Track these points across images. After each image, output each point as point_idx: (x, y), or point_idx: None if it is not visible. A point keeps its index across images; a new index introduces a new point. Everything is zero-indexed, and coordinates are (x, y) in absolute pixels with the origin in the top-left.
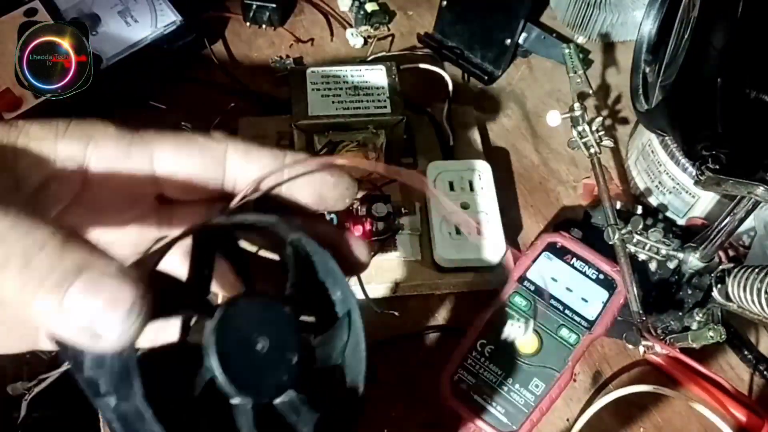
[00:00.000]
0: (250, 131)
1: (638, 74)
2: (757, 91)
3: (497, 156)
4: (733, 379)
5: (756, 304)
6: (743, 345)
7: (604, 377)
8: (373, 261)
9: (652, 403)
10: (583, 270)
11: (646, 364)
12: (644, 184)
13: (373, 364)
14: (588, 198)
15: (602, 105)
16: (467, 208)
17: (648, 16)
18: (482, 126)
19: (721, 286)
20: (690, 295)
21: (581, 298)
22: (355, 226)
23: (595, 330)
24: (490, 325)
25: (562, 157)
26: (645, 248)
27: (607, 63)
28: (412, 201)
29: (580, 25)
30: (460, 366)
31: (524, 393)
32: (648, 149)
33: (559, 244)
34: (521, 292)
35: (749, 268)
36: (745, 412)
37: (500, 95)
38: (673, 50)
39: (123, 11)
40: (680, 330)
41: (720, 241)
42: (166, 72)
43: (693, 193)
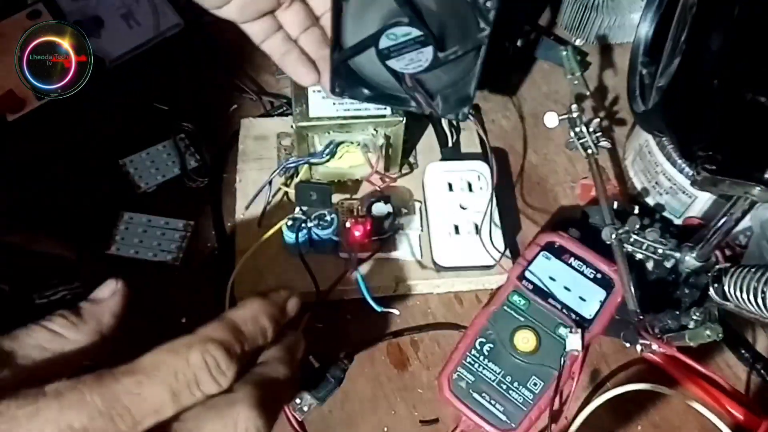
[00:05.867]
0: (251, 132)
1: (635, 76)
2: (753, 93)
3: (496, 156)
4: (730, 378)
5: (753, 304)
6: (740, 344)
7: (601, 375)
8: (373, 261)
9: (650, 402)
10: (580, 269)
11: (644, 363)
12: (641, 184)
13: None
14: (586, 198)
15: (599, 106)
16: (466, 209)
17: (645, 18)
18: (482, 126)
19: (718, 286)
20: (687, 294)
21: (579, 297)
22: (355, 226)
23: (592, 329)
24: (490, 324)
25: (560, 158)
26: (642, 248)
27: (604, 65)
28: (412, 201)
29: (578, 27)
30: (460, 365)
31: (523, 391)
32: (645, 150)
33: (558, 243)
34: (520, 291)
35: (746, 267)
36: (742, 410)
37: (499, 97)
38: (670, 52)
39: (126, 14)
40: (677, 329)
41: (717, 240)
42: (168, 74)
43: (690, 194)
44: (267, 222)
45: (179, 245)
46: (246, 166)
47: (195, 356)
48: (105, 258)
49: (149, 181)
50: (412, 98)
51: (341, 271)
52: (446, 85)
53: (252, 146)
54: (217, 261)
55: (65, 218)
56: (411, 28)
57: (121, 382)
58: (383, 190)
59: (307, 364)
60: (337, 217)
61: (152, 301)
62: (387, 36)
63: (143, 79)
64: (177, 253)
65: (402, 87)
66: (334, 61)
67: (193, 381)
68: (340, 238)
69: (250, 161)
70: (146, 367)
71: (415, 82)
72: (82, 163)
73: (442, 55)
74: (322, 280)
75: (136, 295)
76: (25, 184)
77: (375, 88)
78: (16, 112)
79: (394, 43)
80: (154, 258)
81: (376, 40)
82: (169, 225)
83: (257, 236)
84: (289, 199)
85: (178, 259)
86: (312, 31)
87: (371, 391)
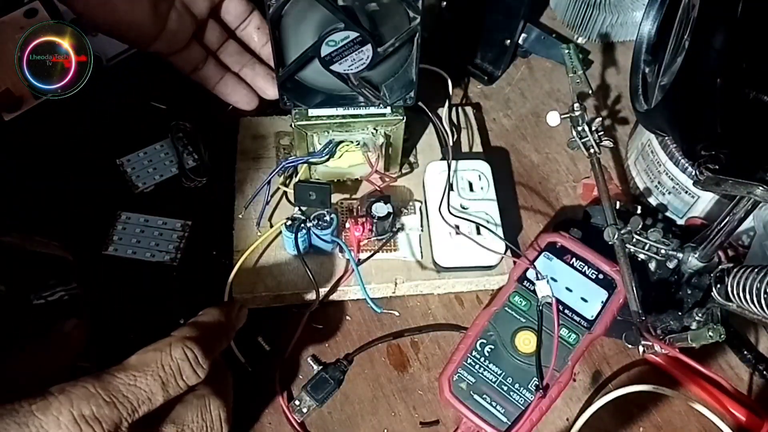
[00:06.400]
0: (249, 131)
1: (638, 74)
2: (756, 92)
3: (497, 156)
4: (733, 379)
5: (755, 304)
6: (742, 345)
7: (603, 377)
8: (373, 261)
9: (652, 403)
10: (582, 270)
11: (646, 364)
12: (644, 184)
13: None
14: (587, 198)
15: (602, 105)
16: (467, 209)
17: (647, 16)
18: (482, 126)
19: (721, 286)
20: (689, 294)
21: (581, 297)
22: (355, 226)
23: (594, 330)
24: (490, 325)
25: (562, 157)
26: (644, 248)
27: (606, 63)
28: (412, 201)
29: (580, 25)
30: (460, 366)
31: (524, 392)
32: (647, 149)
33: (559, 243)
34: (521, 291)
35: (748, 268)
36: (745, 411)
37: (500, 95)
38: (673, 51)
39: None
40: (679, 330)
41: (719, 241)
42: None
43: (692, 193)
44: (266, 222)
45: (177, 245)
46: (244, 165)
47: (178, 351)
48: (102, 258)
49: (147, 180)
50: (360, 94)
51: (341, 271)
52: (389, 76)
53: (250, 145)
54: (215, 261)
55: (62, 218)
56: (347, 31)
57: (119, 377)
58: (383, 190)
59: (306, 366)
60: (337, 217)
61: (150, 302)
62: (326, 43)
63: (140, 77)
64: (175, 253)
65: (348, 86)
66: (279, 78)
67: (177, 371)
68: (340, 238)
69: (248, 160)
70: (137, 363)
71: (360, 79)
72: (79, 163)
73: (381, 50)
74: (322, 280)
75: (134, 295)
76: (21, 184)
77: (323, 93)
78: (13, 111)
79: (335, 48)
80: (151, 258)
81: (317, 50)
82: (167, 225)
83: (256, 236)
84: (288, 199)
85: (175, 259)
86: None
87: (371, 392)
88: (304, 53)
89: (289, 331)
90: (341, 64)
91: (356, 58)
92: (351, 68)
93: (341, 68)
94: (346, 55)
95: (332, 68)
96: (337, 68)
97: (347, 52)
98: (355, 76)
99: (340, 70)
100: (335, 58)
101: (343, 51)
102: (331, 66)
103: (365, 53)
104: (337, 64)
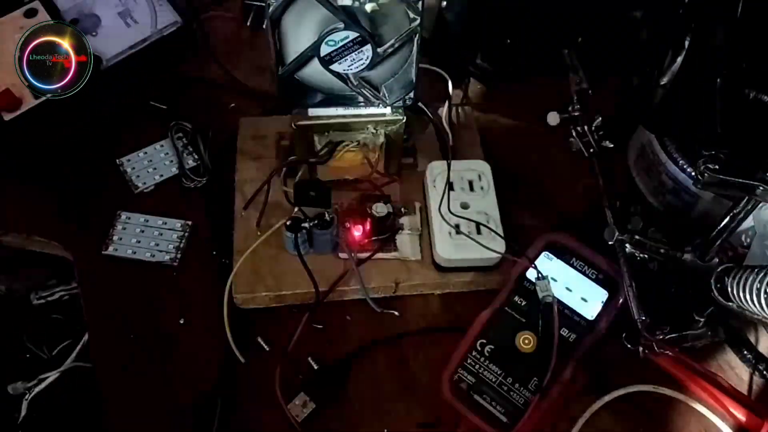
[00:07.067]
0: (250, 131)
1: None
2: (756, 92)
3: (497, 156)
4: (733, 379)
5: (755, 304)
6: (742, 345)
7: (603, 377)
8: (373, 261)
9: (652, 403)
10: (582, 270)
11: (646, 364)
12: (644, 184)
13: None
14: (587, 198)
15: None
16: (467, 208)
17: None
18: (482, 126)
19: (721, 286)
20: (689, 295)
21: (581, 297)
22: (355, 226)
23: (594, 330)
24: (490, 325)
25: (562, 157)
26: (645, 248)
27: None
28: (412, 201)
29: None
30: (460, 366)
31: (524, 392)
32: (648, 149)
33: (559, 243)
34: (521, 291)
35: (748, 268)
36: (745, 411)
37: (500, 95)
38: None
39: (123, 12)
40: (680, 330)
41: (719, 241)
42: (166, 72)
43: (693, 193)
44: (266, 222)
45: (177, 245)
46: (245, 165)
47: None
48: (102, 258)
49: (147, 180)
50: (360, 95)
51: (341, 271)
52: (389, 76)
53: (251, 145)
54: (215, 261)
55: (62, 218)
56: (347, 31)
57: None
58: (383, 190)
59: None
60: (337, 217)
61: (150, 302)
62: (326, 43)
63: (140, 77)
64: (175, 253)
65: (348, 86)
66: (279, 77)
67: None
68: (340, 238)
69: (248, 160)
70: None
71: (360, 79)
72: (79, 163)
73: (381, 50)
74: (322, 281)
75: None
76: (22, 184)
77: (323, 93)
78: (13, 111)
79: (334, 48)
80: (151, 258)
81: (316, 49)
82: (167, 225)
83: (256, 236)
84: (288, 199)
85: (175, 259)
86: None
87: (371, 392)
88: (304, 53)
89: (289, 331)
90: (341, 64)
91: (356, 58)
92: (351, 68)
93: (341, 68)
94: (346, 54)
95: (332, 67)
96: (337, 68)
97: (347, 52)
98: (355, 76)
99: (339, 69)
100: (335, 58)
101: (342, 51)
102: (331, 66)
103: (365, 53)
104: (336, 64)
